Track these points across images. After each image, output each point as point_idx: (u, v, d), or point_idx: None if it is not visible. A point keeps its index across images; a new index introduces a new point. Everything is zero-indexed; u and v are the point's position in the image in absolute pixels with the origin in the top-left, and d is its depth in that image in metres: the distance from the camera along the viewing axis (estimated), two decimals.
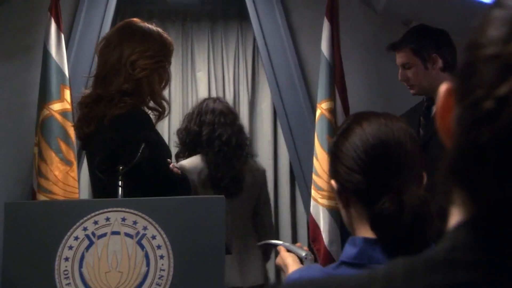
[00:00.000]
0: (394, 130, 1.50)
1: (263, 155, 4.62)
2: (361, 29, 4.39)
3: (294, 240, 4.54)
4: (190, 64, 4.73)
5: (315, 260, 3.05)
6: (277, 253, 2.07)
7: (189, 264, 2.32)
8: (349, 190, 1.50)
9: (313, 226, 3.82)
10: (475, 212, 0.60)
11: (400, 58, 3.34)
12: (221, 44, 4.76)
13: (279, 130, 4.53)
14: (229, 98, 4.69)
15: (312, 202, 3.84)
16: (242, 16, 4.65)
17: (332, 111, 3.90)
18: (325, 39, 3.98)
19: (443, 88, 0.64)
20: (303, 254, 1.99)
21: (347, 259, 1.46)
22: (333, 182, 1.55)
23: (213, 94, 4.67)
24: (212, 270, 2.32)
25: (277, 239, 4.53)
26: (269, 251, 3.85)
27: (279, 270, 2.10)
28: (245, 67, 4.73)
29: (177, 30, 4.73)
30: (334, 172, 1.54)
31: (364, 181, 1.46)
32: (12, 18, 4.40)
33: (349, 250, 1.47)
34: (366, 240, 1.45)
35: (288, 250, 2.02)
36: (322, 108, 3.93)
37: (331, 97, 3.92)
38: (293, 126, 4.29)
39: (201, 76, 4.70)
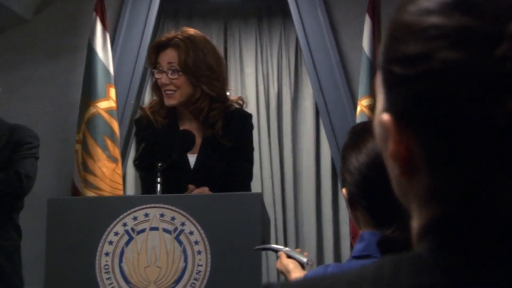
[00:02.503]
0: None
1: (305, 152, 4.63)
2: None
3: (337, 238, 4.54)
4: (238, 61, 4.75)
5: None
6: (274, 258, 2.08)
7: (226, 259, 2.35)
8: (357, 201, 1.52)
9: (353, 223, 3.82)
10: (450, 210, 0.61)
11: None
12: (266, 42, 4.78)
13: (321, 127, 4.53)
14: (273, 95, 4.71)
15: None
16: (285, 14, 4.66)
17: (372, 108, 3.89)
18: (367, 36, 3.97)
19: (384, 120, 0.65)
20: (305, 260, 1.99)
21: (356, 254, 1.50)
22: (344, 190, 1.57)
23: (260, 91, 4.69)
24: (249, 265, 2.34)
25: (320, 236, 4.55)
26: None
27: (280, 274, 2.10)
28: (287, 65, 4.74)
29: (219, 28, 4.77)
30: (343, 179, 1.56)
31: (369, 195, 1.48)
32: (56, 18, 4.50)
33: (358, 246, 1.53)
34: (372, 233, 1.48)
35: (289, 256, 2.02)
36: (362, 105, 3.92)
37: (371, 94, 3.91)
38: (335, 123, 4.29)
39: (249, 73, 4.73)
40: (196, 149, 2.81)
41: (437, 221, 0.62)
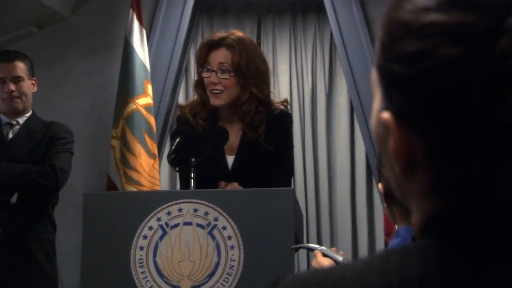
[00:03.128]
0: None
1: (340, 148, 4.62)
2: None
3: (371, 234, 4.53)
4: (272, 57, 4.74)
5: None
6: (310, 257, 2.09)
7: (259, 255, 2.37)
8: (393, 195, 1.52)
9: (387, 220, 3.80)
10: (457, 201, 0.62)
11: None
12: (300, 37, 4.77)
13: (356, 123, 4.52)
14: (307, 92, 4.70)
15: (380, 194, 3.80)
16: (319, 9, 4.65)
17: None
18: None
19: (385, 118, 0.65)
20: (340, 258, 1.99)
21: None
22: (380, 185, 1.57)
23: (294, 88, 4.69)
24: (282, 261, 2.35)
25: (355, 232, 4.54)
26: None
27: None
28: (322, 61, 4.73)
29: (253, 24, 4.78)
30: (379, 174, 1.57)
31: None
32: (93, 15, 4.57)
33: (393, 241, 1.53)
34: (408, 229, 1.48)
35: (324, 255, 2.02)
36: None
37: None
38: (369, 119, 4.25)
39: (283, 69, 4.73)
40: (234, 151, 2.83)
41: (437, 217, 0.63)
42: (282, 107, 2.94)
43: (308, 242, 4.15)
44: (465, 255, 0.60)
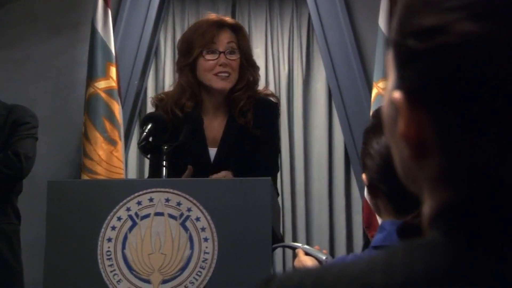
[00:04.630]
0: None
1: (317, 137, 4.62)
2: None
3: (349, 226, 4.54)
4: None
5: None
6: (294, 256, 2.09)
7: (234, 248, 2.35)
8: (377, 186, 1.52)
9: (367, 212, 3.80)
10: (461, 194, 0.60)
11: None
12: (277, 21, 4.75)
13: (334, 111, 4.51)
14: (283, 77, 4.69)
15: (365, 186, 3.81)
16: None
17: None
18: (383, 14, 3.93)
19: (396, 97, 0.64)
20: (323, 257, 2.00)
21: (376, 243, 1.50)
22: (364, 176, 1.56)
23: (270, 73, 4.67)
24: (258, 254, 2.34)
25: (332, 224, 4.55)
26: None
27: None
28: (299, 45, 4.72)
29: (227, 5, 4.74)
30: (364, 165, 1.56)
31: (390, 180, 1.47)
32: None
33: (378, 236, 1.53)
34: (393, 222, 1.48)
35: (307, 253, 2.03)
36: (379, 87, 3.89)
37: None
38: (348, 106, 4.27)
39: (259, 53, 4.71)
40: (217, 143, 2.82)
41: (450, 205, 0.61)
42: (270, 97, 2.95)
43: (283, 235, 4.15)
44: (477, 251, 0.58)
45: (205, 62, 2.78)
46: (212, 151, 2.83)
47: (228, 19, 2.92)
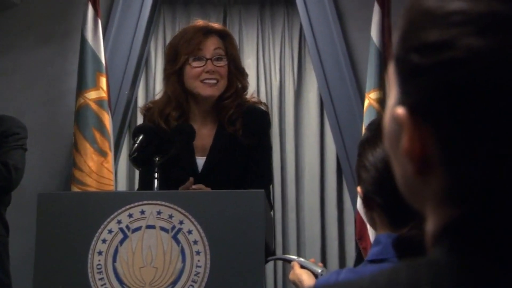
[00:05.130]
0: None
1: (309, 147, 4.61)
2: None
3: (341, 238, 4.53)
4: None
5: None
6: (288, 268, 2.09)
7: (227, 261, 2.34)
8: (373, 199, 1.52)
9: (359, 224, 3.80)
10: (465, 211, 0.60)
11: None
12: (268, 31, 4.75)
13: (326, 121, 4.51)
14: (275, 88, 4.69)
15: (359, 198, 3.81)
16: (288, 1, 4.64)
17: (381, 101, 3.87)
18: (375, 25, 3.94)
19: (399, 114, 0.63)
20: (319, 270, 2.01)
21: (372, 257, 1.50)
22: (359, 188, 1.56)
23: (261, 83, 4.67)
24: (251, 268, 2.33)
25: (324, 236, 4.54)
26: None
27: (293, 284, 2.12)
28: (291, 55, 4.72)
29: (218, 16, 4.74)
30: (359, 177, 1.56)
31: (386, 192, 1.47)
32: (48, 2, 4.48)
33: (374, 249, 1.52)
34: (389, 235, 1.47)
35: (302, 266, 2.03)
36: (370, 98, 3.90)
37: (380, 87, 3.89)
38: (341, 117, 4.27)
39: (250, 64, 4.70)
40: (206, 152, 2.80)
41: (455, 223, 0.60)
42: (259, 105, 2.93)
43: (274, 247, 4.14)
44: (482, 271, 0.57)
45: (192, 70, 2.76)
46: (200, 160, 2.81)
47: (216, 25, 2.90)
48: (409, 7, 0.64)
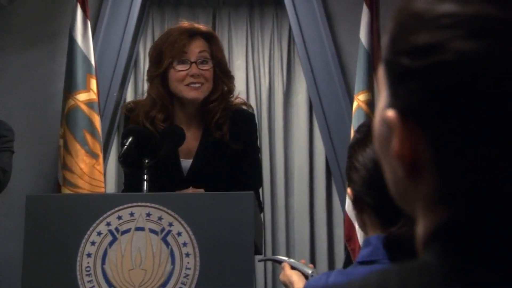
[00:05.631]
0: None
1: (298, 149, 4.62)
2: None
3: (330, 240, 4.54)
4: (227, 53, 4.70)
5: None
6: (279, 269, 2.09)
7: (216, 263, 2.34)
8: (363, 200, 1.52)
9: (348, 225, 3.82)
10: (453, 214, 0.60)
11: None
12: (257, 33, 4.76)
13: (315, 123, 4.52)
14: (264, 89, 4.69)
15: (348, 200, 3.83)
16: (278, 2, 4.65)
17: (369, 103, 3.89)
18: (364, 27, 3.96)
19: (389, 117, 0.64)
20: (309, 271, 2.01)
21: (362, 259, 1.50)
22: (349, 190, 1.57)
23: (251, 85, 4.67)
24: (240, 269, 2.33)
25: (313, 237, 4.54)
26: None
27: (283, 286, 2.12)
28: (280, 57, 4.72)
29: (207, 17, 4.74)
30: (349, 179, 1.56)
31: (375, 192, 1.47)
32: (35, 3, 4.46)
33: (364, 251, 1.53)
34: (379, 237, 1.48)
35: (293, 267, 2.03)
36: (359, 100, 3.92)
37: (369, 89, 3.91)
38: (330, 119, 4.28)
39: (239, 65, 4.70)
40: (192, 154, 2.79)
41: (446, 227, 0.60)
42: (243, 106, 2.91)
43: (263, 248, 4.14)
44: (472, 274, 0.57)
45: (176, 73, 2.74)
46: (184, 163, 2.80)
47: (201, 26, 2.86)
48: (399, 10, 0.64)
